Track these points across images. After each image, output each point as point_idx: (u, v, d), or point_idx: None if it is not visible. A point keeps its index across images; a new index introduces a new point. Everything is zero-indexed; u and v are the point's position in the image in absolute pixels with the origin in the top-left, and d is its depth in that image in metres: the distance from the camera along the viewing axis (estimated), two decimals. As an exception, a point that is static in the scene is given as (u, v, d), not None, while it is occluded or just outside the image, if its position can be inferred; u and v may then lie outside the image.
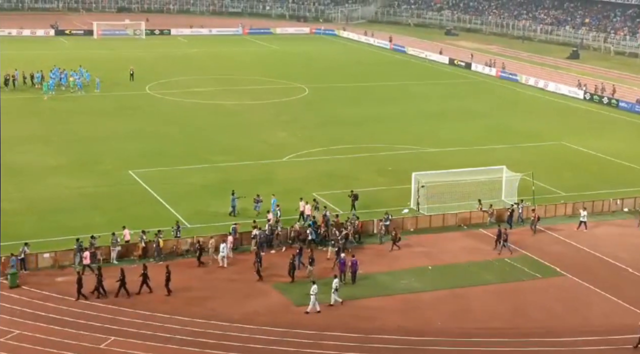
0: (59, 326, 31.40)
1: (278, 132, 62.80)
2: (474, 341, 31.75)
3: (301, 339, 31.10)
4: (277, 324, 32.17)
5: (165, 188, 47.89)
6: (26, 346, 29.84)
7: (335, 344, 30.93)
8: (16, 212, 43.33)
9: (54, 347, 29.82)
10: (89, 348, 29.93)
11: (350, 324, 32.64)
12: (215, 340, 30.76)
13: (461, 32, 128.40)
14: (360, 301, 34.94)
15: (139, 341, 30.50)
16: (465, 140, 62.48)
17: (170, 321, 32.23)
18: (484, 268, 38.93)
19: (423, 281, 37.24)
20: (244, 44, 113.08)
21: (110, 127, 62.98)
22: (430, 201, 45.45)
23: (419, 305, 34.84)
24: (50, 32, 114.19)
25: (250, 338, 31.03)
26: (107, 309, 33.01)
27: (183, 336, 31.02)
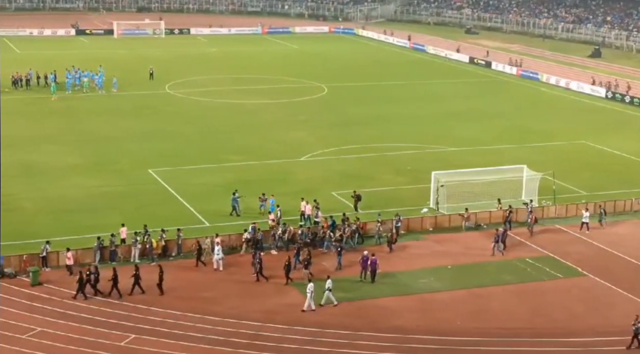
0: (79, 324, 31.57)
1: (296, 132, 62.77)
2: (494, 340, 31.55)
3: (335, 339, 30.97)
4: (300, 323, 32.09)
5: (184, 187, 47.98)
6: (47, 343, 30.02)
7: (367, 344, 30.86)
8: (35, 211, 43.66)
9: (75, 344, 29.99)
10: (109, 345, 30.06)
11: (368, 323, 32.54)
12: (248, 340, 30.73)
13: (481, 30, 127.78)
14: (380, 300, 34.83)
15: (159, 339, 30.58)
16: (485, 139, 62.14)
17: (190, 319, 32.29)
18: (504, 268, 38.67)
19: (442, 281, 37.06)
20: (263, 43, 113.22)
21: (129, 126, 63.24)
22: (450, 200, 45.22)
23: (438, 305, 34.68)
24: (70, 32, 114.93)
25: (282, 337, 30.94)
26: (127, 307, 33.12)
27: (214, 335, 31.08)
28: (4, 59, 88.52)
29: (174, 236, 38.74)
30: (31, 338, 30.32)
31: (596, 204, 45.32)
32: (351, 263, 37.86)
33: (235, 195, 43.98)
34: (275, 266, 36.68)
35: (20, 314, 32.13)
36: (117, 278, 34.00)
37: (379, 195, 47.76)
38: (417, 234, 42.37)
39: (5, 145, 56.17)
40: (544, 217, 44.76)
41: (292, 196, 44.71)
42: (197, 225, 42.02)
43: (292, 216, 42.84)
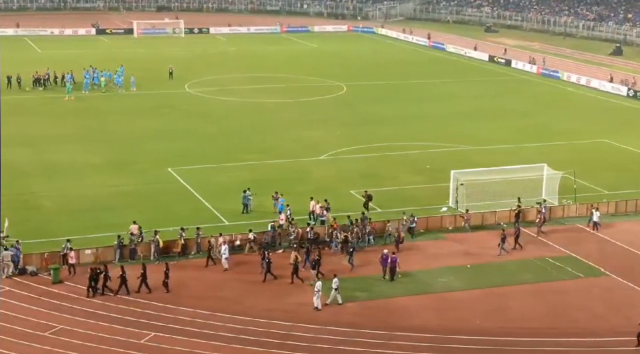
0: (99, 321, 31.77)
1: (314, 131, 62.76)
2: (513, 340, 31.39)
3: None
4: (318, 322, 32.09)
5: (204, 186, 48.10)
6: (68, 341, 30.22)
7: (386, 343, 30.82)
8: (56, 209, 43.95)
9: (95, 341, 30.18)
10: (129, 342, 30.21)
11: (387, 322, 32.50)
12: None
13: (501, 29, 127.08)
14: (399, 299, 34.79)
15: (179, 336, 30.71)
16: (505, 138, 61.82)
17: (208, 317, 32.42)
18: (524, 267, 38.47)
19: (462, 280, 36.93)
20: (282, 42, 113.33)
21: (149, 125, 63.51)
22: (469, 199, 45.03)
23: (457, 304, 34.57)
24: (91, 31, 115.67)
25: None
26: (147, 305, 33.27)
27: (228, 333, 31.18)
28: (26, 59, 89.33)
29: (193, 234, 38.85)
30: (52, 336, 30.55)
31: (588, 204, 44.58)
32: (364, 263, 37.89)
33: (246, 193, 44.03)
34: (283, 265, 36.66)
35: (41, 312, 32.39)
36: (126, 276, 34.13)
37: (398, 194, 47.66)
38: (437, 234, 42.22)
39: (26, 144, 56.91)
40: (564, 217, 44.44)
41: (309, 195, 44.64)
42: (216, 223, 42.11)
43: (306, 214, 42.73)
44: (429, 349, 30.47)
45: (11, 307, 32.67)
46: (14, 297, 33.61)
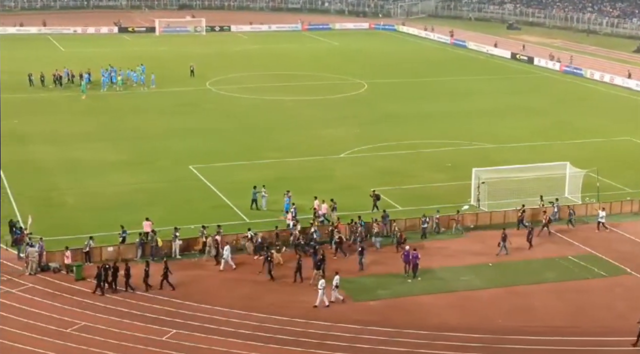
0: (121, 318, 31.95)
1: (336, 129, 62.70)
2: (535, 339, 31.19)
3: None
4: (340, 320, 32.07)
5: (225, 183, 48.19)
6: (90, 337, 30.43)
7: (407, 342, 30.73)
8: (78, 207, 44.24)
9: (117, 338, 30.35)
10: (150, 339, 30.36)
11: (408, 320, 32.44)
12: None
13: (524, 26, 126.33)
14: (420, 297, 34.73)
15: (200, 334, 30.80)
16: (527, 136, 61.43)
17: (227, 314, 32.51)
18: (547, 266, 38.22)
19: (483, 278, 36.77)
20: (303, 40, 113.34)
21: (170, 123, 63.75)
22: (491, 197, 44.79)
23: (478, 302, 34.42)
24: (113, 29, 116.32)
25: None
26: (169, 302, 33.40)
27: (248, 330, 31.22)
28: (49, 57, 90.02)
29: (214, 232, 38.92)
30: (74, 332, 30.76)
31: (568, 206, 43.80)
32: (382, 261, 37.75)
33: (255, 189, 44.06)
34: (285, 265, 36.70)
35: (64, 309, 32.63)
36: (130, 273, 34.34)
37: (419, 192, 47.52)
38: (458, 232, 42.01)
39: (49, 141, 57.36)
40: (587, 215, 44.07)
41: (331, 193, 44.61)
42: (237, 221, 42.20)
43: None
44: (434, 347, 30.31)
45: (34, 303, 32.95)
46: (37, 294, 33.89)
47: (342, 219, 40.94)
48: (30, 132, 59.80)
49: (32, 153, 54.57)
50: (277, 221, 41.64)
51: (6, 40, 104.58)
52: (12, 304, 32.76)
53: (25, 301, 33.18)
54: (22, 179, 48.51)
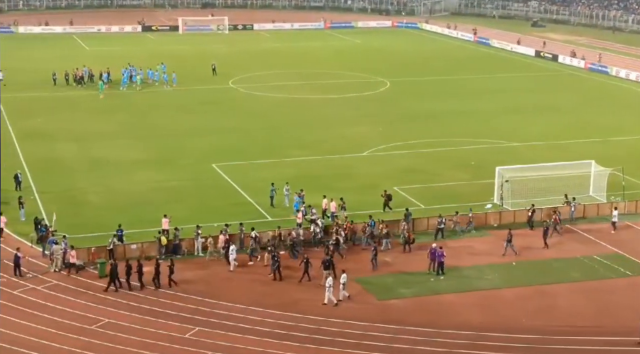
0: (144, 315, 32.11)
1: (358, 127, 62.57)
2: (560, 338, 30.94)
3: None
4: (361, 319, 31.99)
5: (247, 182, 48.25)
6: (113, 334, 30.60)
7: (430, 341, 30.65)
8: (102, 205, 44.50)
9: (140, 335, 30.51)
10: (173, 336, 30.48)
11: (432, 319, 32.32)
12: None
13: (548, 23, 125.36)
14: (444, 296, 34.60)
15: (223, 331, 30.86)
16: (551, 134, 60.95)
17: (253, 312, 32.54)
18: (571, 265, 37.90)
19: (507, 277, 36.53)
20: (326, 38, 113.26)
21: (193, 121, 63.95)
22: (514, 195, 44.48)
23: (502, 301, 34.22)
24: (137, 28, 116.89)
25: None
26: (192, 300, 33.52)
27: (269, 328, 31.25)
28: (73, 56, 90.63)
29: (236, 230, 39.01)
30: (99, 329, 30.96)
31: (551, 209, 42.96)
32: (405, 259, 37.52)
33: (273, 186, 44.10)
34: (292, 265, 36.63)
35: (88, 306, 32.85)
36: (142, 270, 34.46)
37: (442, 190, 47.31)
38: (482, 230, 41.74)
39: (73, 140, 57.80)
40: (612, 214, 43.57)
41: (354, 191, 44.54)
42: (259, 219, 42.25)
43: (350, 211, 42.52)
44: (457, 346, 30.15)
45: (59, 300, 33.21)
46: (61, 291, 34.14)
47: (359, 218, 40.69)
48: (54, 130, 60.27)
49: (56, 151, 55.00)
50: (289, 220, 41.52)
51: (32, 39, 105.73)
52: (37, 301, 33.04)
53: (50, 298, 33.45)
54: (46, 177, 48.92)
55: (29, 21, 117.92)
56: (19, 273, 35.25)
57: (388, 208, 43.45)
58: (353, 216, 41.28)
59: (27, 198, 43.65)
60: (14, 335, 30.24)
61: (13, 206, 42.54)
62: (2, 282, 34.56)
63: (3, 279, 34.76)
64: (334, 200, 42.46)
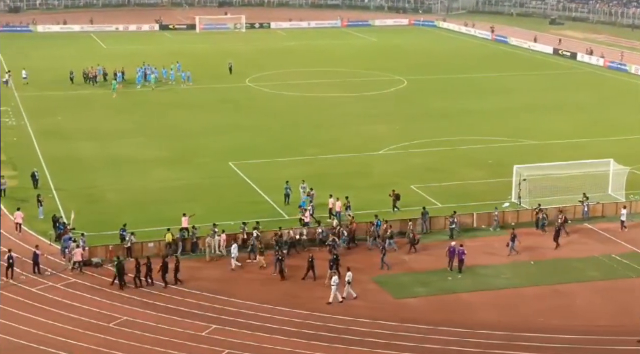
0: (162, 313, 32.21)
1: (375, 125, 62.48)
2: (578, 338, 30.74)
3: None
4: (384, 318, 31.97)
5: (264, 180, 48.29)
6: (131, 332, 30.73)
7: (447, 339, 30.55)
8: (119, 202, 44.69)
9: (157, 333, 30.61)
10: (191, 334, 30.55)
11: (449, 318, 32.22)
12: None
13: (566, 21, 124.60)
14: (461, 294, 34.48)
15: (240, 329, 30.92)
16: (569, 132, 60.58)
17: (273, 312, 32.59)
18: (589, 264, 37.66)
19: (524, 276, 36.35)
20: (343, 36, 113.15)
21: (210, 119, 64.10)
22: (532, 194, 44.24)
23: (520, 300, 34.04)
24: (154, 27, 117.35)
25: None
26: (209, 298, 33.58)
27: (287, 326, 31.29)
28: (91, 55, 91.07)
29: (249, 228, 39.03)
30: (116, 327, 31.10)
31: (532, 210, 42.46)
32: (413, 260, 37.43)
33: (287, 184, 44.11)
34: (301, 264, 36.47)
35: (105, 303, 33.00)
36: (151, 267, 34.61)
37: (459, 189, 47.15)
38: (499, 229, 41.54)
39: (90, 138, 58.10)
40: (632, 212, 43.28)
41: (370, 190, 44.49)
42: (276, 218, 42.27)
43: (366, 209, 42.50)
44: (474, 345, 30.06)
45: (77, 298, 33.39)
46: (79, 288, 34.33)
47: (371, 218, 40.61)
48: (72, 129, 60.62)
49: (73, 149, 55.31)
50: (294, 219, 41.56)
51: (50, 38, 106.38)
52: (55, 299, 33.25)
53: (69, 295, 33.64)
54: (64, 175, 49.21)
55: (48, 20, 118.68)
56: (37, 270, 35.49)
57: (396, 208, 43.22)
58: (367, 216, 41.16)
59: (46, 196, 43.94)
60: (32, 332, 30.45)
61: (32, 204, 42.85)
62: (21, 279, 34.82)
63: (22, 277, 35.01)
64: (340, 199, 42.22)
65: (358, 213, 41.46)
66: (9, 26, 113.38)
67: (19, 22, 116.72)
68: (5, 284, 34.36)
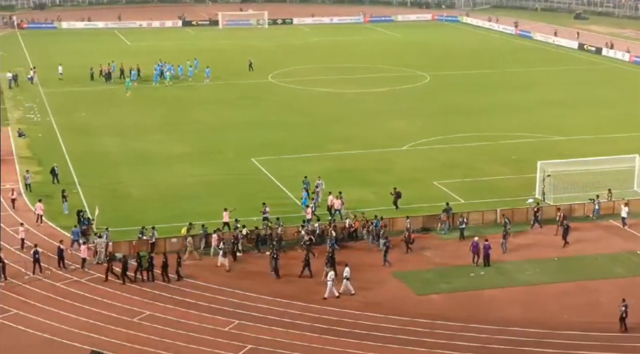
0: (185, 308, 32.36)
1: (398, 121, 62.32)
2: (602, 335, 30.50)
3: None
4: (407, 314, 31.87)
5: (287, 176, 48.29)
6: (154, 326, 30.90)
7: (471, 336, 30.42)
8: (143, 198, 44.92)
9: (181, 328, 30.76)
10: (215, 330, 30.68)
11: (473, 314, 32.10)
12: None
13: (591, 16, 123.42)
14: (485, 291, 34.33)
15: (264, 325, 31.01)
16: (593, 128, 60.05)
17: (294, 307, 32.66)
18: (614, 261, 37.34)
19: (548, 273, 36.12)
20: (365, 32, 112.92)
21: (233, 115, 64.24)
22: (556, 190, 43.90)
23: (543, 297, 33.82)
24: (177, 23, 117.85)
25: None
26: (232, 293, 33.68)
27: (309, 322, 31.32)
28: (115, 51, 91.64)
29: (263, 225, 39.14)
30: (140, 321, 31.29)
31: None
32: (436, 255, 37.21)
33: (306, 178, 44.13)
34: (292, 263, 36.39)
35: (129, 298, 33.21)
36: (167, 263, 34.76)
37: (482, 185, 46.93)
38: (522, 225, 41.27)
39: (115, 134, 58.42)
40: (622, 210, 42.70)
41: (393, 186, 44.24)
42: (298, 214, 42.27)
43: (389, 206, 42.39)
44: (498, 341, 29.88)
45: (102, 293, 33.64)
46: (103, 283, 34.56)
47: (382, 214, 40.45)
48: (95, 124, 61.03)
49: (97, 145, 55.68)
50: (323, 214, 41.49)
51: (74, 35, 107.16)
52: (80, 293, 33.51)
53: (93, 290, 33.90)
54: (89, 171, 49.54)
55: (72, 17, 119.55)
56: (62, 265, 35.80)
57: (396, 206, 42.67)
58: (386, 212, 41.07)
59: (70, 192, 44.30)
60: (57, 327, 30.73)
61: (56, 199, 43.22)
62: (46, 274, 35.12)
63: (47, 271, 35.31)
64: (339, 197, 41.97)
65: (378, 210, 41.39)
66: (34, 23, 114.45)
67: (44, 19, 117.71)
68: (31, 279, 34.70)
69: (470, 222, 40.40)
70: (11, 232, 38.93)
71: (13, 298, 33.00)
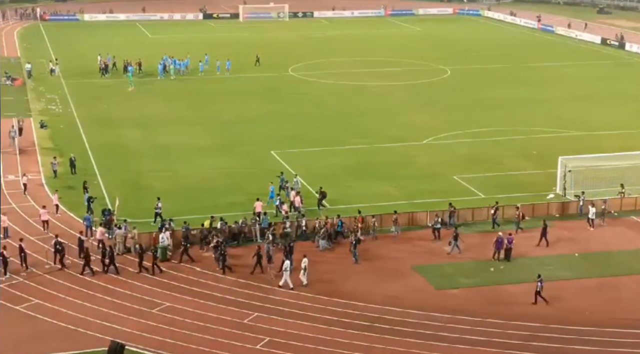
0: (204, 300, 32.43)
1: (418, 115, 62.09)
2: (624, 332, 30.24)
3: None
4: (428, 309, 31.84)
5: (306, 169, 48.21)
6: (173, 317, 30.98)
7: (491, 331, 30.26)
8: (165, 190, 44.94)
9: (199, 319, 30.83)
10: (231, 321, 30.73)
11: (492, 310, 31.93)
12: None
13: (615, 10, 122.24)
14: (505, 286, 34.13)
15: (282, 318, 31.03)
16: (616, 123, 59.51)
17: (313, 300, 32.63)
18: (635, 257, 36.97)
19: (569, 269, 35.87)
20: (386, 25, 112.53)
21: (254, 108, 64.25)
22: (577, 186, 43.55)
23: (564, 293, 33.55)
24: (199, 16, 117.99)
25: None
26: (252, 286, 33.72)
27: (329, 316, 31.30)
28: (137, 43, 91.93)
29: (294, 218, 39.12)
30: (159, 312, 31.40)
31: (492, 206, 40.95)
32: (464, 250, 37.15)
33: (282, 174, 44.00)
34: None
35: (149, 289, 33.34)
36: None
37: (503, 180, 46.66)
38: (538, 221, 40.85)
39: (134, 125, 58.68)
40: (621, 210, 42.21)
41: (414, 180, 44.21)
42: (315, 207, 42.16)
43: (412, 199, 42.20)
44: (518, 337, 29.76)
45: (121, 284, 33.79)
46: (124, 274, 34.73)
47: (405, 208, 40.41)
48: (116, 116, 61.29)
49: (118, 136, 55.93)
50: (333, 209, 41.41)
51: (96, 27, 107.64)
52: (100, 284, 33.68)
53: (114, 281, 34.07)
54: (110, 162, 49.77)
55: (94, 9, 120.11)
56: (82, 255, 35.95)
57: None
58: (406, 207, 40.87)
59: (91, 183, 44.51)
60: (77, 317, 30.90)
61: (77, 191, 43.45)
62: (67, 263, 35.30)
63: (67, 261, 35.48)
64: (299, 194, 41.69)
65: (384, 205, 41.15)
66: (57, 15, 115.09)
67: (66, 11, 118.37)
68: (52, 269, 34.92)
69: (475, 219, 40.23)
70: (31, 221, 39.25)
71: (34, 287, 33.25)
